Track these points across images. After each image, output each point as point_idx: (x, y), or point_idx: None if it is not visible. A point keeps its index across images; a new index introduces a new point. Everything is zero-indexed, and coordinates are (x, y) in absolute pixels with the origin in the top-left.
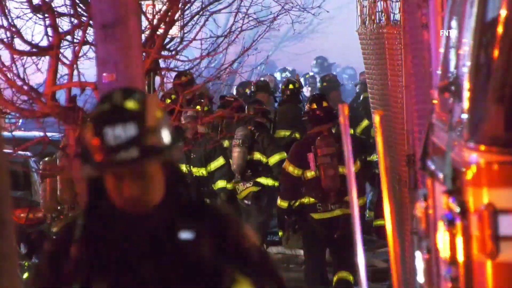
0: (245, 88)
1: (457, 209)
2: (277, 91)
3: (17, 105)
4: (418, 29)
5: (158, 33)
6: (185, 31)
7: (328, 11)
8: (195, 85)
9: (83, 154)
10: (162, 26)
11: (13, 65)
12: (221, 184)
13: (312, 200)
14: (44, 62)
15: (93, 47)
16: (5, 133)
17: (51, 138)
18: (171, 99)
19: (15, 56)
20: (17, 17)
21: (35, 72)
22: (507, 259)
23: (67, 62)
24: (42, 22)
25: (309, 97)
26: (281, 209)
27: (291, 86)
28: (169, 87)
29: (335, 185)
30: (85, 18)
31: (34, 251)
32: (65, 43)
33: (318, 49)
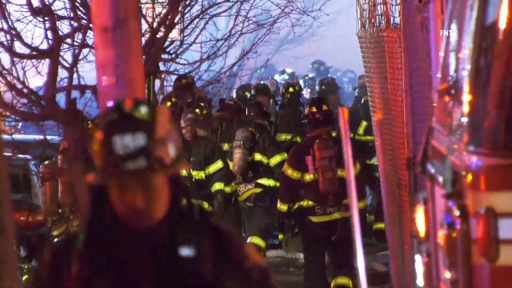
0: (245, 91)
1: (457, 212)
2: (278, 95)
3: (17, 108)
4: (418, 33)
5: (158, 36)
6: (185, 35)
7: (328, 14)
8: (195, 88)
9: (88, 161)
10: (162, 29)
11: (13, 68)
12: (218, 186)
13: (310, 203)
14: (44, 65)
15: (93, 50)
16: (5, 136)
17: (51, 141)
18: (172, 102)
19: (15, 59)
20: (17, 20)
21: (35, 75)
22: (507, 263)
23: (67, 65)
24: (42, 25)
25: (308, 100)
26: (281, 212)
27: (291, 89)
28: (169, 90)
29: (333, 188)
30: (85, 21)
31: (33, 254)
32: (65, 46)
33: (318, 52)
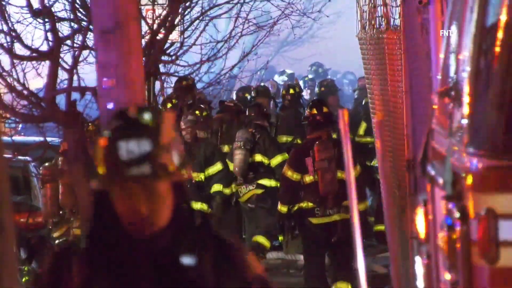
0: (245, 92)
1: (457, 214)
2: (279, 97)
3: (17, 110)
4: (418, 34)
5: (158, 38)
6: (185, 36)
7: (328, 16)
8: (196, 90)
9: (88, 163)
10: (162, 31)
11: (13, 70)
12: (217, 187)
13: (310, 204)
14: (44, 67)
15: (93, 52)
16: (5, 137)
17: (51, 143)
18: (172, 103)
19: (15, 61)
20: (17, 22)
21: (35, 77)
22: (507, 264)
23: (67, 67)
24: (42, 27)
25: (309, 102)
26: (281, 213)
27: (292, 91)
28: (169, 92)
29: (332, 189)
30: (85, 23)
31: (33, 256)
32: (65, 48)
33: (318, 54)
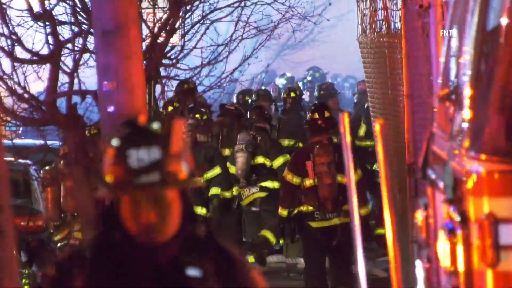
0: (245, 96)
1: (458, 218)
2: (280, 100)
3: (17, 113)
4: (418, 38)
5: (158, 41)
6: (186, 40)
7: (328, 20)
8: (197, 93)
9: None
10: (162, 34)
11: (13, 73)
12: (214, 191)
13: (310, 208)
14: (44, 70)
15: (93, 55)
16: (6, 141)
17: (52, 146)
18: (174, 107)
19: (16, 64)
20: (18, 25)
21: (36, 80)
22: (508, 269)
23: (68, 70)
24: (42, 30)
25: (310, 106)
26: (281, 217)
27: (293, 94)
28: (170, 95)
29: (332, 193)
30: (85, 26)
31: (34, 259)
32: (66, 51)
33: (318, 57)
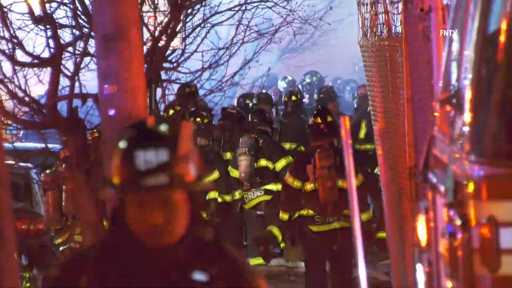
0: (246, 99)
1: (458, 222)
2: (281, 104)
3: (18, 116)
4: (419, 42)
5: (159, 45)
6: (187, 43)
7: (329, 24)
8: (199, 97)
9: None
10: (163, 38)
11: (14, 76)
12: (212, 195)
13: (311, 212)
14: (45, 73)
15: (94, 58)
16: (6, 144)
17: (52, 149)
18: (175, 110)
19: (17, 67)
20: (19, 29)
21: (37, 83)
22: (508, 273)
23: (69, 73)
24: (43, 33)
25: (313, 111)
26: (282, 221)
27: (294, 97)
28: (171, 99)
29: (332, 197)
30: (86, 29)
31: (34, 262)
32: (67, 54)
33: (319, 61)
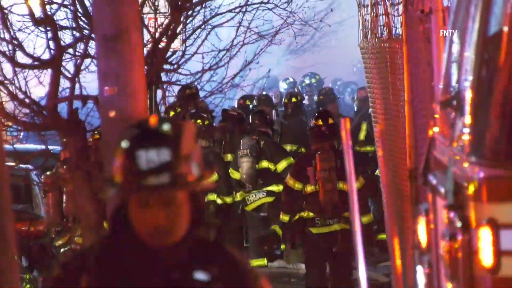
0: (246, 100)
1: (459, 223)
2: (281, 105)
3: (19, 118)
4: (420, 43)
5: (160, 46)
6: (187, 45)
7: (330, 25)
8: (199, 98)
9: (109, 176)
10: (164, 39)
11: (15, 78)
12: (210, 197)
13: (311, 214)
14: (46, 75)
15: (95, 60)
16: (7, 146)
17: (53, 151)
18: (175, 112)
19: (17, 69)
20: (19, 30)
21: (37, 85)
22: (509, 274)
23: (69, 75)
24: (44, 35)
25: (314, 113)
26: (283, 222)
27: (294, 99)
28: (171, 100)
29: (332, 199)
30: (87, 31)
31: (35, 264)
32: (67, 56)
33: (319, 63)
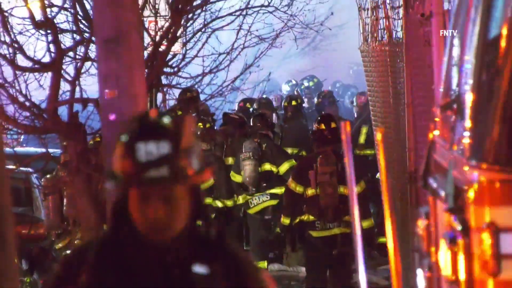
0: (247, 103)
1: (459, 227)
2: (281, 109)
3: (19, 121)
4: (420, 47)
5: (160, 49)
6: (187, 48)
7: (330, 29)
8: (200, 102)
9: (109, 169)
10: (164, 42)
11: (15, 81)
12: (208, 201)
13: (311, 217)
14: (46, 78)
15: (95, 63)
16: (7, 149)
17: (53, 154)
18: (176, 115)
19: (18, 72)
20: (20, 33)
21: (37, 88)
22: (509, 278)
23: (69, 78)
24: (44, 38)
25: (317, 117)
26: (283, 225)
27: (294, 102)
28: (171, 103)
29: (333, 203)
30: (87, 34)
31: (35, 267)
32: (67, 59)
33: (320, 66)
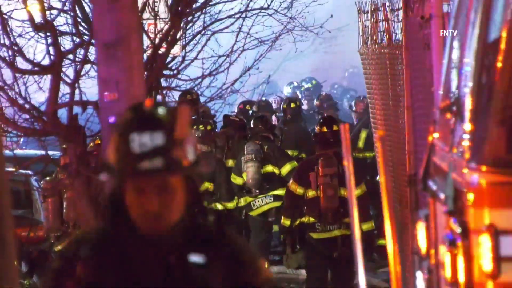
0: (246, 105)
1: (459, 229)
2: (280, 111)
3: (18, 123)
4: (420, 50)
5: (160, 52)
6: (187, 51)
7: (330, 31)
8: (200, 104)
9: (105, 162)
10: (164, 45)
11: (15, 83)
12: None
13: (312, 219)
14: (46, 80)
15: (95, 66)
16: (7, 151)
17: (53, 156)
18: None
19: (17, 74)
20: (19, 36)
21: (37, 90)
22: (508, 280)
23: (69, 80)
24: (44, 40)
25: (319, 119)
26: (284, 227)
27: (293, 104)
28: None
29: (333, 205)
30: (87, 37)
31: (34, 269)
32: (67, 61)
33: (319, 68)
